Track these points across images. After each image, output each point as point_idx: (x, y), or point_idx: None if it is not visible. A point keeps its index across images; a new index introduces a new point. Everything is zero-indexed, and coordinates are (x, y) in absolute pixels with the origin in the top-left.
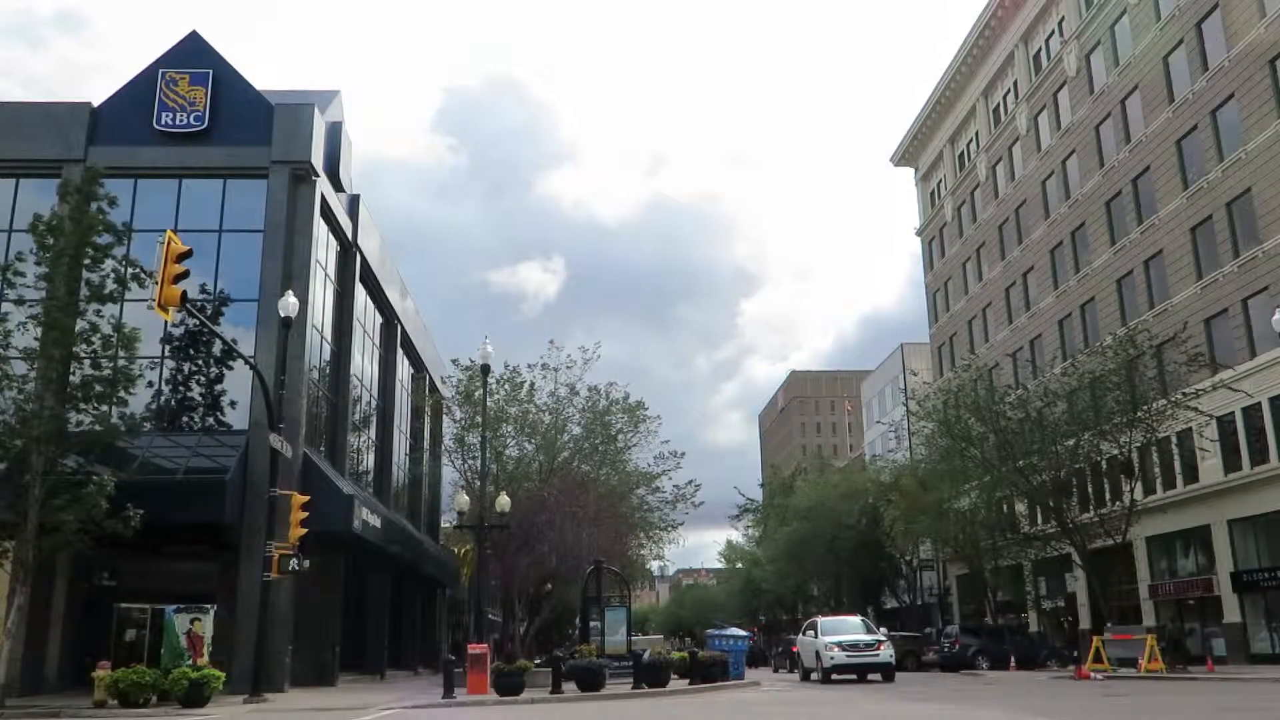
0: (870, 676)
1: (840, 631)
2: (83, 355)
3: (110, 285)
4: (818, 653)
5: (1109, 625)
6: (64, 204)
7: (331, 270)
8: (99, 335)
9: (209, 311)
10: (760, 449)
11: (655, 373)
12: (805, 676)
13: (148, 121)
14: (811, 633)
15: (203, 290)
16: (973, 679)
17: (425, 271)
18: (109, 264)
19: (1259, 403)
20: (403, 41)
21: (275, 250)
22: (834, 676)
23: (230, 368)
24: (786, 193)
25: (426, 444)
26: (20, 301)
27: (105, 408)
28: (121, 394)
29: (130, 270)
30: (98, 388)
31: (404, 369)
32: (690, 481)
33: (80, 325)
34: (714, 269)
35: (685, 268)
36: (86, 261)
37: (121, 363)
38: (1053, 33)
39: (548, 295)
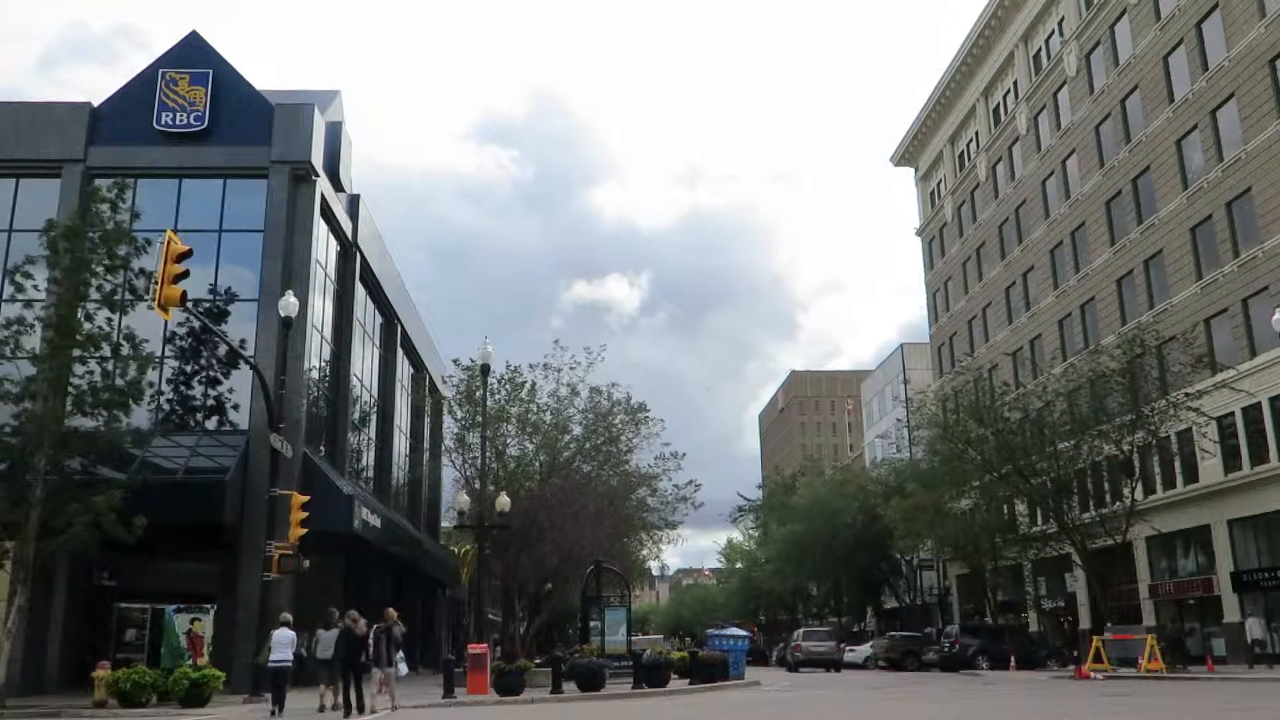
0: None
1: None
2: (89, 357)
3: (121, 293)
4: None
5: (1109, 625)
6: (96, 208)
7: (331, 270)
8: (109, 342)
9: (210, 312)
10: (760, 449)
11: (688, 380)
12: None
13: (148, 121)
14: None
15: (209, 291)
16: (973, 679)
17: (483, 280)
18: (122, 274)
19: (1259, 403)
20: (444, 57)
21: (275, 250)
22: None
23: (231, 368)
24: (816, 197)
25: (426, 444)
26: (29, 304)
27: (110, 413)
28: (130, 404)
29: (142, 282)
30: (105, 395)
31: (404, 369)
32: (690, 481)
33: (89, 329)
34: (750, 277)
35: (721, 275)
36: (100, 269)
37: (132, 375)
38: (1053, 33)
39: (629, 309)
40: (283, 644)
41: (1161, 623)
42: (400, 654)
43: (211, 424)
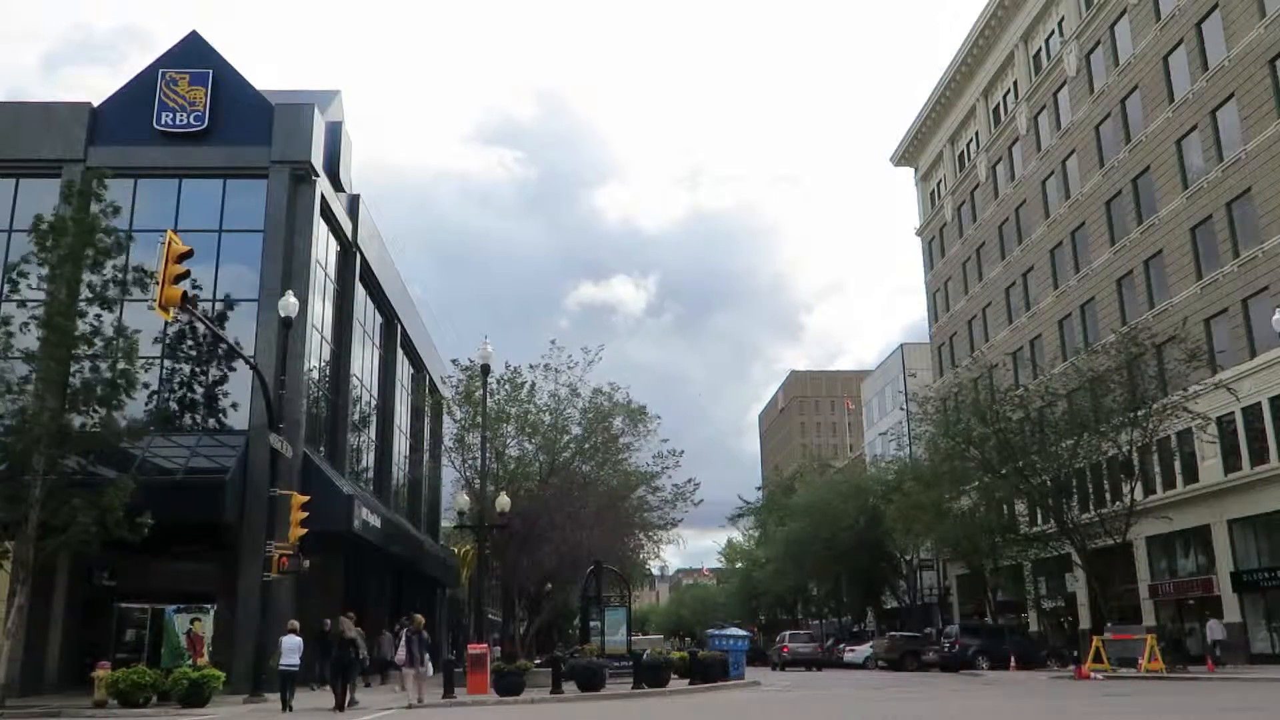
0: None
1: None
2: (83, 356)
3: (112, 289)
4: None
5: (1109, 625)
6: (66, 204)
7: (331, 270)
8: (101, 338)
9: (209, 312)
10: (760, 449)
11: (693, 381)
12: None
13: (148, 121)
14: None
15: (196, 287)
16: (973, 679)
17: (486, 281)
18: (109, 268)
19: (1259, 403)
20: (448, 57)
21: (275, 250)
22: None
23: (231, 368)
24: (818, 198)
25: (426, 444)
26: (23, 303)
27: (106, 410)
28: (123, 398)
29: (132, 275)
30: (99, 390)
31: (404, 369)
32: (689, 480)
33: (82, 328)
34: (753, 278)
35: (725, 276)
36: (87, 263)
37: (122, 366)
38: (1053, 33)
39: (634, 310)
40: (291, 649)
41: (1161, 623)
42: (428, 655)
43: (211, 424)
